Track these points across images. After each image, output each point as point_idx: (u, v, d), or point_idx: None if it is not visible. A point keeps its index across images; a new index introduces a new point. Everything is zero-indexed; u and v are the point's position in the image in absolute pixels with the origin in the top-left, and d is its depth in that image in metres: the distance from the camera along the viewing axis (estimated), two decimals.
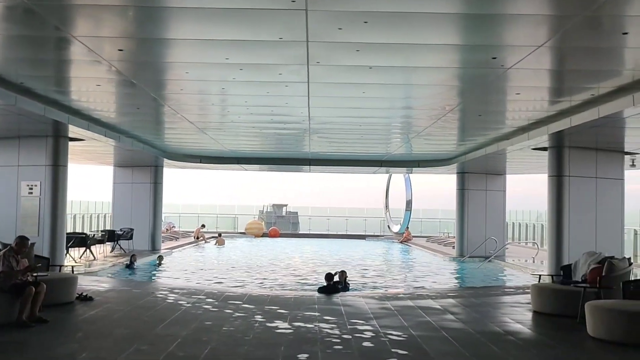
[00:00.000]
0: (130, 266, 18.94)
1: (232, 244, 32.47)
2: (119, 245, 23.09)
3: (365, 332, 8.94)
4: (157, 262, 20.53)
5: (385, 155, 22.52)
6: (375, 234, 42.36)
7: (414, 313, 10.76)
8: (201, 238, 32.64)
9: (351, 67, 8.77)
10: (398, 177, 41.00)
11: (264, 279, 18.40)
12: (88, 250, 20.13)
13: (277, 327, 9.23)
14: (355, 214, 46.27)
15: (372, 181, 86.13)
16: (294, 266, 21.97)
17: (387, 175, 41.39)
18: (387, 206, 42.96)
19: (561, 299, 10.73)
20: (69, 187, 16.27)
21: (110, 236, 22.66)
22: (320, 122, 14.59)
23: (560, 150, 15.56)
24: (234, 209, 46.25)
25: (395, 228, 40.46)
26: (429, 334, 8.95)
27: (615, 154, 16.19)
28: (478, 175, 25.56)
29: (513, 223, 33.92)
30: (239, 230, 42.10)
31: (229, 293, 13.00)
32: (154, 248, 24.81)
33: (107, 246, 22.80)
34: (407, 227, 38.59)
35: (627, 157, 16.88)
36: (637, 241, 21.36)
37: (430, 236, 38.55)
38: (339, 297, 12.45)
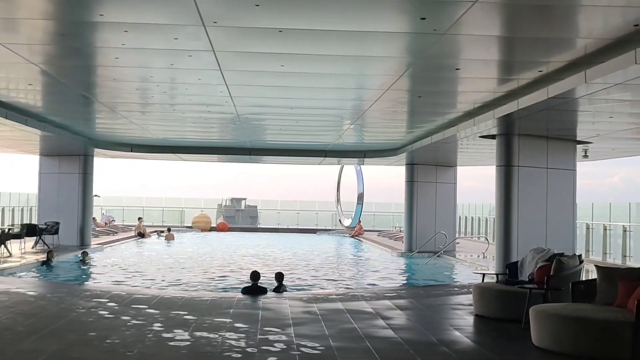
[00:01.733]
0: (47, 264, 17.27)
1: (178, 239, 30.84)
2: (42, 240, 21.32)
3: (275, 344, 7.60)
4: (81, 258, 18.86)
5: (329, 145, 21.24)
6: (327, 228, 41.24)
7: (341, 318, 9.46)
8: (143, 233, 30.90)
9: (257, 30, 7.37)
10: (350, 170, 39.85)
11: (194, 276, 16.96)
12: (2, 245, 18.35)
13: (172, 339, 7.82)
14: (307, 208, 45.02)
15: (324, 174, 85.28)
16: (232, 263, 20.54)
17: (339, 167, 40.21)
18: (338, 199, 41.78)
19: (505, 301, 9.56)
20: None
21: (31, 230, 20.88)
22: (247, 105, 13.19)
23: (509, 138, 14.45)
24: (181, 202, 44.44)
25: (347, 222, 39.32)
26: (350, 345, 7.66)
27: (568, 143, 15.16)
28: (428, 167, 24.45)
29: (466, 217, 33.07)
30: (186, 224, 40.47)
31: (139, 295, 11.51)
32: (82, 243, 23.06)
33: (30, 242, 21.01)
34: (359, 221, 37.50)
35: (579, 146, 15.89)
36: (590, 236, 20.49)
37: (382, 230, 37.57)
38: (261, 300, 11.10)
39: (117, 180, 54.67)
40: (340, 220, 40.89)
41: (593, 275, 8.84)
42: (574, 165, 15.21)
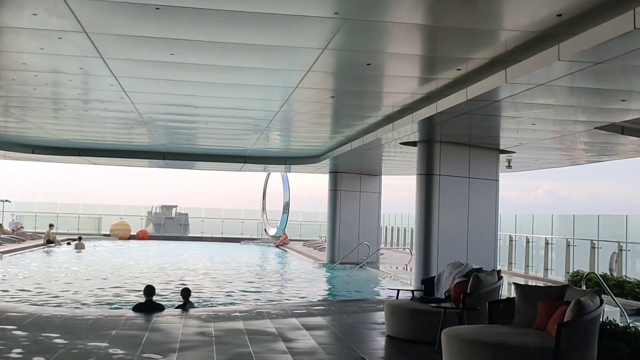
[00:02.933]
0: None
1: (92, 248, 29.04)
2: None
3: None
4: None
5: (247, 151, 20.16)
6: (253, 237, 40.07)
7: (237, 341, 8.41)
8: (53, 241, 28.95)
9: (128, 5, 6.21)
10: (277, 177, 38.81)
11: (92, 290, 15.51)
12: None
13: None
14: (233, 216, 43.76)
15: (251, 181, 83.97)
16: (140, 275, 19.11)
17: (265, 174, 39.15)
18: (264, 208, 40.66)
19: (418, 321, 8.72)
20: None
21: None
22: (147, 103, 11.98)
23: (430, 146, 13.75)
24: (99, 209, 42.36)
25: (272, 231, 38.25)
26: None
27: (490, 152, 14.59)
28: (352, 175, 23.72)
29: (392, 227, 32.54)
30: (103, 232, 38.52)
31: (13, 313, 10.14)
32: None
33: None
34: (284, 231, 36.50)
35: (502, 156, 15.35)
36: (513, 248, 20.09)
37: (308, 240, 36.68)
38: (154, 319, 9.91)
39: (31, 185, 51.62)
40: (265, 230, 39.78)
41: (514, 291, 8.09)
42: (497, 175, 14.65)
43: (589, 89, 8.61)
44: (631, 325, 7.57)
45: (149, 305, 10.66)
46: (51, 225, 30.68)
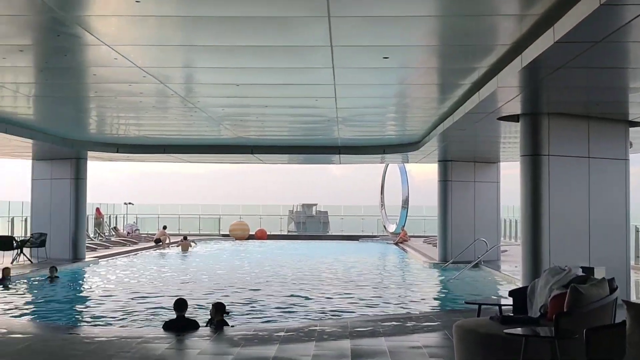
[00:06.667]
0: (2, 283, 14.97)
1: (203, 249, 28.28)
2: (24, 254, 19.11)
3: None
4: (49, 275, 16.40)
5: (339, 140, 18.16)
6: (373, 233, 38.10)
7: None
8: (162, 241, 28.50)
9: None
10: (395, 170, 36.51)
11: (157, 304, 13.10)
12: None
13: None
14: (352, 213, 42.21)
15: (369, 175, 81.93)
16: (226, 281, 17.60)
17: (383, 166, 37.03)
18: (382, 203, 38.47)
19: (492, 351, 6.30)
20: None
21: (5, 244, 18.71)
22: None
23: (535, 120, 11.02)
24: (218, 209, 42.12)
25: (391, 228, 35.96)
26: None
27: (616, 125, 11.59)
28: (464, 164, 21.02)
29: (517, 220, 29.17)
30: (223, 233, 38.08)
31: (17, 334, 8.81)
32: (75, 257, 20.81)
33: (7, 257, 18.82)
34: (403, 227, 34.15)
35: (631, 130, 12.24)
36: None
37: (430, 236, 34.08)
38: (187, 340, 8.18)
39: (152, 188, 52.82)
40: (384, 226, 37.61)
41: None
42: (626, 154, 11.64)
43: None
44: None
45: (180, 323, 8.98)
46: (165, 227, 30.36)
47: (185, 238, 28.35)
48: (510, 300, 7.46)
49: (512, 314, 7.18)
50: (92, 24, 7.24)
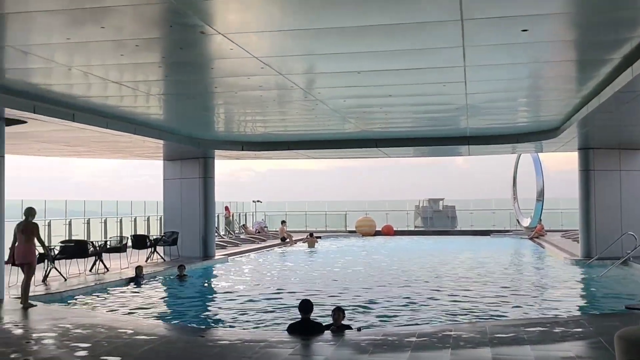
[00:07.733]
0: (135, 280, 15.28)
1: (329, 245, 28.02)
2: (157, 252, 19.58)
3: None
4: (178, 273, 16.61)
5: (467, 129, 17.09)
6: (505, 228, 36.32)
7: None
8: (287, 238, 28.51)
9: None
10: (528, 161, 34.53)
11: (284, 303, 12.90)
12: (100, 261, 16.66)
13: None
14: (483, 207, 40.55)
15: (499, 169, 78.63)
16: (353, 279, 17.10)
17: (514, 157, 35.16)
18: (515, 196, 36.53)
19: None
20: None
21: (140, 242, 19.20)
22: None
23: None
24: (344, 206, 41.75)
25: (525, 222, 34.04)
26: None
27: None
28: (608, 151, 19.32)
29: None
30: (349, 229, 37.72)
31: (142, 335, 8.65)
32: (206, 254, 21.13)
33: (142, 254, 19.32)
34: (540, 221, 32.19)
35: None
36: None
37: (568, 230, 31.92)
38: (312, 345, 7.69)
39: (279, 185, 53.53)
40: (518, 220, 35.70)
41: None
42: None
43: None
44: None
45: (304, 325, 8.49)
46: (283, 222, 30.34)
47: (311, 235, 28.18)
48: None
49: None
50: (208, 11, 6.85)
